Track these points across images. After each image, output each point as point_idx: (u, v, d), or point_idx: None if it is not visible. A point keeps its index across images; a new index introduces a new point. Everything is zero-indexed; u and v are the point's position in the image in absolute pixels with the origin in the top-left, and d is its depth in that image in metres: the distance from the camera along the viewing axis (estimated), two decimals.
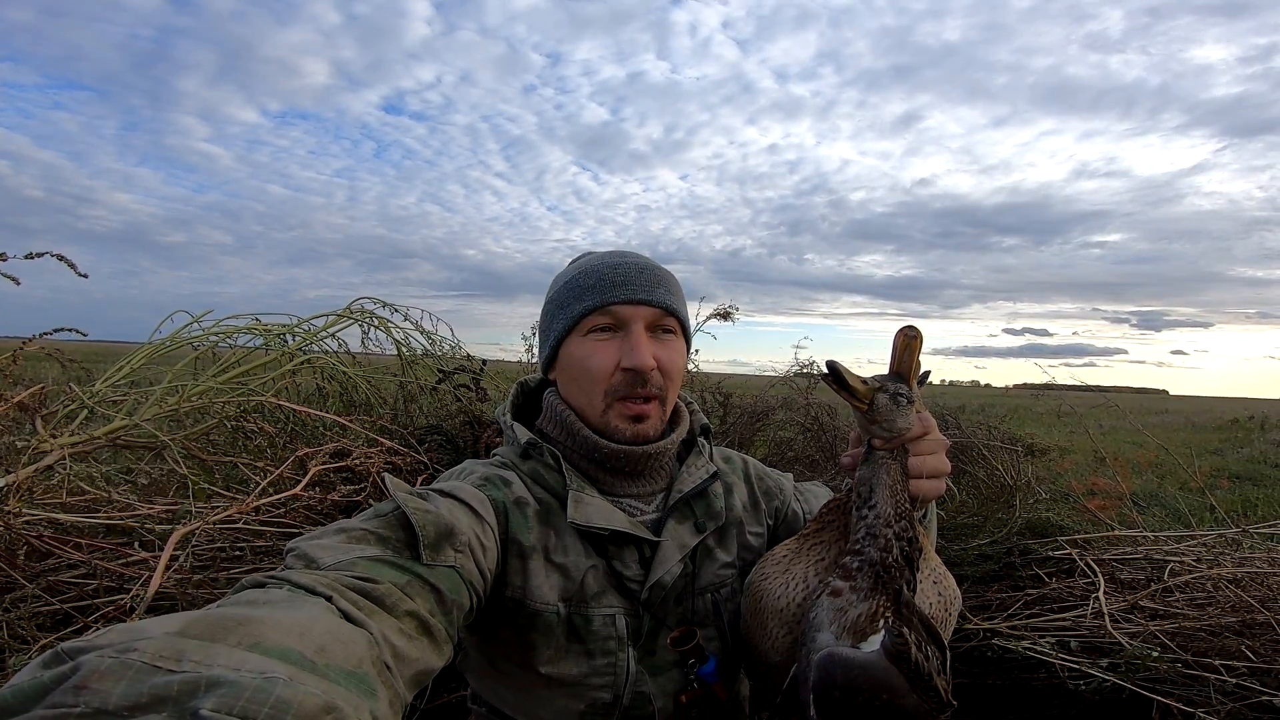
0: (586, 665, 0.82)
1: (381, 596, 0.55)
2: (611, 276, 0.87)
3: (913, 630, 0.68)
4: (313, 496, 1.20)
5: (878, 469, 0.74)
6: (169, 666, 0.35)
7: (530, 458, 0.89)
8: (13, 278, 1.03)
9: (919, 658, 0.66)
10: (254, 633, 0.41)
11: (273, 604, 0.47)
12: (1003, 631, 1.50)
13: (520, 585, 0.80)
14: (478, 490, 0.80)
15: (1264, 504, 4.97)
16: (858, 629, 0.68)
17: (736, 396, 2.36)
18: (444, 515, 0.67)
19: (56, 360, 1.47)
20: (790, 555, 0.82)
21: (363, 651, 0.47)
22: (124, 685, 0.33)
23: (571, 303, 0.88)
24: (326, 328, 1.57)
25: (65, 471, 1.12)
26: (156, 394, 1.24)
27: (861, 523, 0.73)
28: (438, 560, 0.64)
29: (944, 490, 0.81)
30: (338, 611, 0.50)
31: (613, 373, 0.85)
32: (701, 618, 0.89)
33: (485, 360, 1.80)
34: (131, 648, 0.36)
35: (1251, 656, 1.31)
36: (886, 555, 0.71)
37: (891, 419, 0.72)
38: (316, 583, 0.52)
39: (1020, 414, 3.48)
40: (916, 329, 0.73)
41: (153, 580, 0.89)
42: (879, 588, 0.70)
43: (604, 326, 0.86)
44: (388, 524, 0.64)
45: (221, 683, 0.35)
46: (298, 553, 0.58)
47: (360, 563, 0.58)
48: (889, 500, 0.73)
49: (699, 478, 0.93)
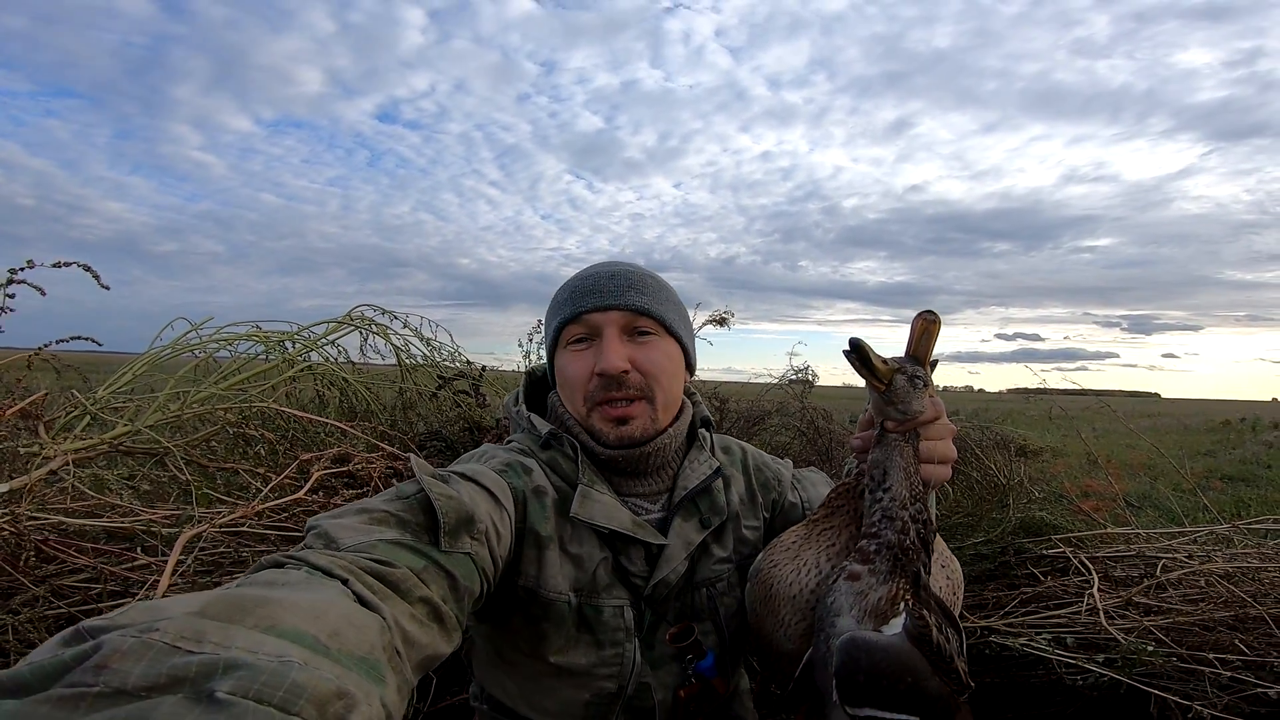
0: (595, 655, 0.83)
1: (397, 581, 0.56)
2: (583, 287, 0.90)
3: (932, 613, 0.69)
4: (315, 500, 1.21)
5: (891, 451, 0.74)
6: (189, 648, 0.36)
7: (550, 447, 0.90)
8: (38, 288, 1.04)
9: (940, 640, 0.66)
10: (271, 614, 0.41)
11: (290, 585, 0.48)
12: (1000, 629, 1.51)
13: (534, 575, 0.81)
14: (499, 476, 0.80)
15: (1257, 504, 5.00)
16: (879, 612, 0.68)
17: (732, 401, 2.37)
18: (465, 501, 0.68)
19: (53, 368, 1.48)
20: (799, 541, 0.82)
21: (375, 637, 0.47)
22: (144, 665, 0.34)
23: (552, 318, 0.93)
24: (326, 334, 1.57)
25: (70, 477, 1.12)
26: (159, 400, 1.24)
27: (877, 505, 0.73)
28: (455, 547, 0.64)
29: (949, 476, 0.81)
30: (353, 595, 0.51)
31: (589, 379, 0.87)
32: (698, 612, 0.90)
33: (485, 366, 1.81)
34: (153, 628, 0.36)
35: (1245, 650, 1.32)
36: (904, 537, 0.71)
37: (908, 401, 0.72)
38: (334, 565, 0.52)
39: (1014, 418, 3.51)
40: (935, 314, 0.73)
41: (160, 583, 0.90)
42: (897, 570, 0.70)
43: (580, 336, 0.89)
44: (409, 507, 0.65)
45: (239, 665, 0.35)
46: (318, 531, 0.59)
47: (379, 545, 0.58)
48: (904, 483, 0.72)
49: (702, 474, 0.94)
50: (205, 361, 1.41)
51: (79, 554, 1.06)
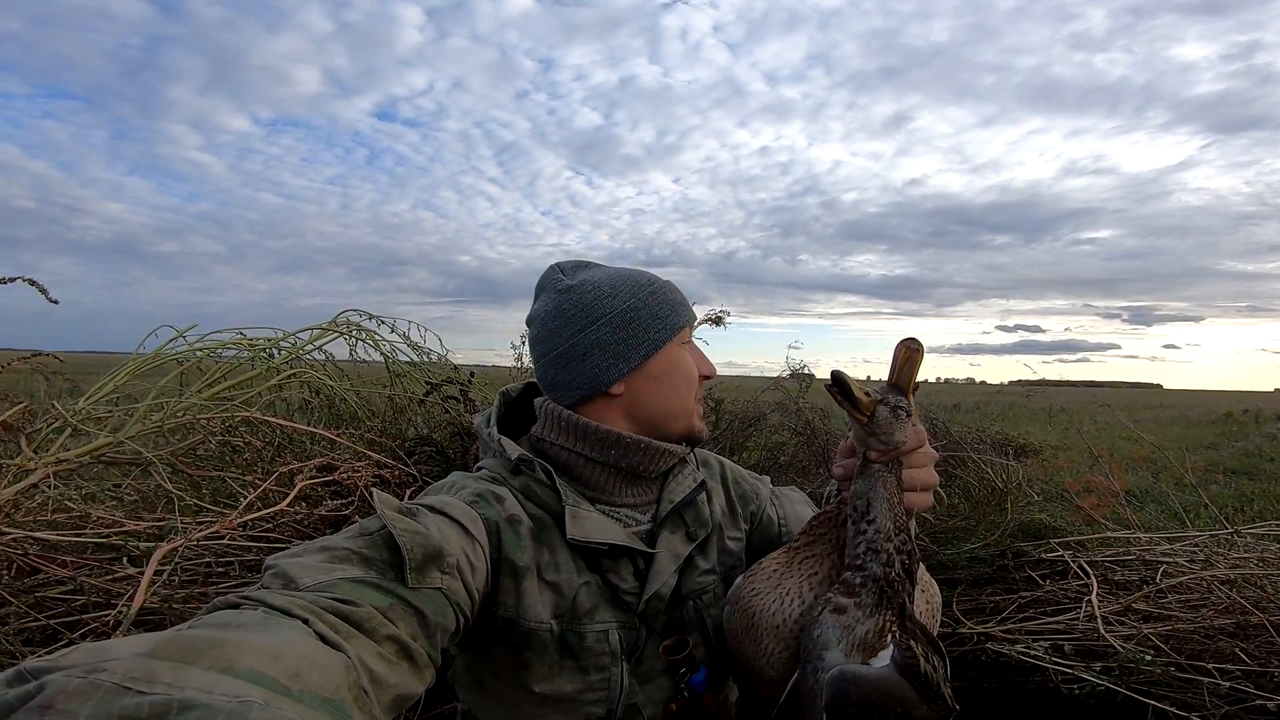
0: (581, 681, 0.81)
1: (361, 620, 0.54)
2: (682, 296, 0.97)
3: (918, 642, 0.69)
4: (299, 511, 1.19)
5: (874, 482, 0.73)
6: (139, 688, 0.34)
7: (521, 473, 0.87)
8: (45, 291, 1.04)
9: (927, 669, 0.67)
10: (226, 655, 0.40)
11: (247, 626, 0.46)
12: (997, 635, 1.50)
13: (513, 605, 0.79)
14: (469, 508, 0.78)
15: (1260, 498, 4.99)
16: (866, 645, 0.68)
17: (728, 402, 2.35)
18: (432, 535, 0.66)
19: (41, 374, 1.46)
20: (780, 570, 0.81)
21: (339, 677, 0.46)
22: (91, 705, 0.33)
23: (669, 314, 0.92)
24: (312, 340, 1.56)
25: (50, 490, 1.11)
26: (140, 410, 1.23)
27: (861, 537, 0.73)
28: (423, 583, 0.62)
29: (932, 504, 0.81)
30: (314, 635, 0.49)
31: (700, 378, 0.96)
32: (686, 625, 0.89)
33: (473, 371, 1.79)
34: (100, 668, 0.35)
35: (1246, 659, 1.30)
36: (889, 570, 0.71)
37: (890, 431, 0.72)
38: (293, 605, 0.50)
39: (1015, 411, 3.49)
40: (918, 342, 0.72)
41: (136, 598, 0.88)
42: (884, 603, 0.70)
43: (687, 339, 0.96)
44: (373, 544, 0.63)
45: (194, 706, 0.34)
46: (276, 570, 0.56)
47: (341, 584, 0.56)
48: (888, 514, 0.72)
49: (688, 486, 0.94)
50: (189, 369, 1.39)
51: (59, 566, 1.05)
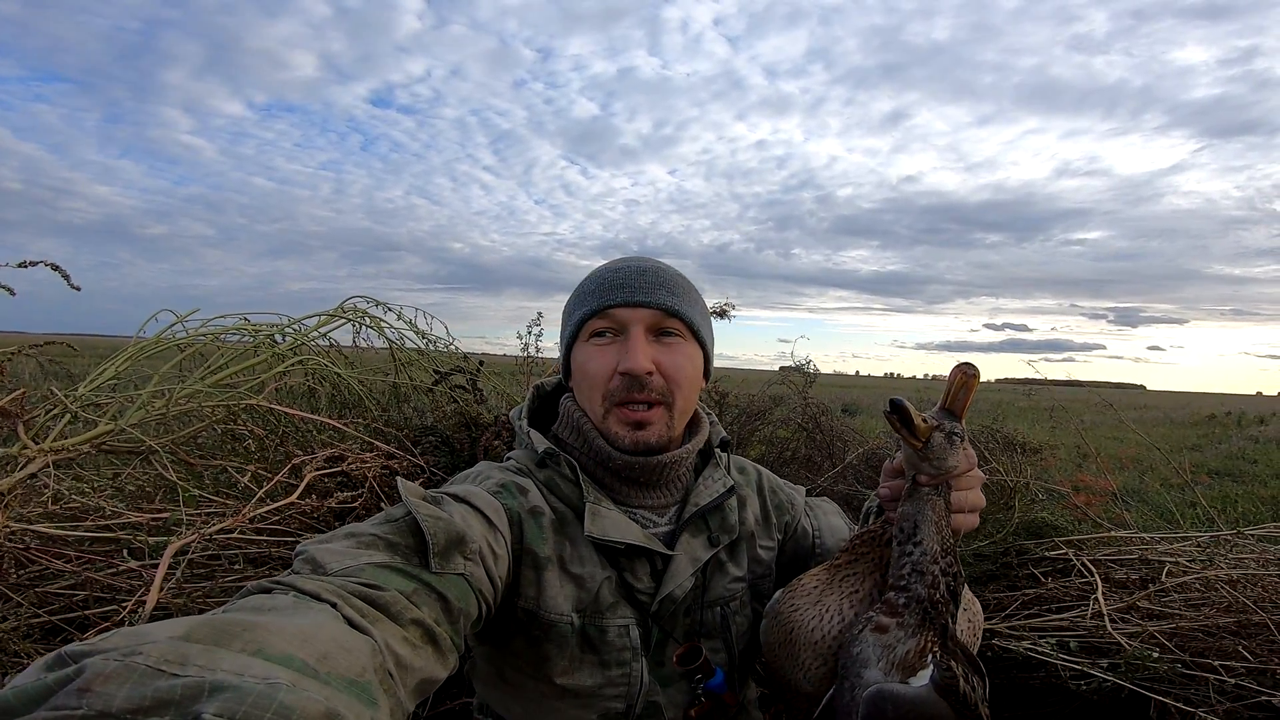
0: (602, 676, 0.81)
1: (387, 604, 0.54)
2: (612, 280, 0.85)
3: (959, 663, 0.69)
4: (309, 503, 1.17)
5: (923, 505, 0.74)
6: (173, 670, 0.35)
7: (546, 466, 0.87)
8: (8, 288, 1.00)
9: (966, 689, 0.67)
10: (257, 639, 0.41)
11: (277, 610, 0.47)
12: (1002, 632, 1.51)
13: (534, 596, 0.79)
14: (492, 497, 0.78)
15: (1244, 500, 5.07)
16: (906, 664, 0.68)
17: (733, 395, 2.34)
18: (456, 522, 0.66)
19: (35, 359, 1.42)
20: (821, 586, 0.81)
21: (365, 660, 0.46)
22: (128, 689, 0.34)
23: (575, 309, 0.88)
24: (318, 327, 1.53)
25: (49, 480, 1.08)
26: (142, 398, 1.20)
27: (907, 559, 0.73)
28: (447, 568, 0.62)
29: (978, 524, 0.80)
30: (342, 619, 0.50)
31: (610, 377, 0.84)
32: (709, 630, 0.88)
33: (482, 361, 1.77)
34: (136, 651, 0.36)
35: (1248, 657, 1.32)
36: (934, 591, 0.71)
37: (944, 457, 0.72)
38: (321, 589, 0.52)
39: (1003, 409, 3.51)
40: (975, 368, 0.72)
41: (150, 595, 0.86)
42: (926, 624, 0.70)
43: (603, 331, 0.85)
44: (398, 530, 0.63)
45: (225, 687, 0.35)
46: (305, 556, 0.58)
47: (367, 569, 0.57)
48: (935, 537, 0.72)
49: (715, 491, 0.92)
50: (191, 355, 1.36)
51: (61, 560, 1.02)
